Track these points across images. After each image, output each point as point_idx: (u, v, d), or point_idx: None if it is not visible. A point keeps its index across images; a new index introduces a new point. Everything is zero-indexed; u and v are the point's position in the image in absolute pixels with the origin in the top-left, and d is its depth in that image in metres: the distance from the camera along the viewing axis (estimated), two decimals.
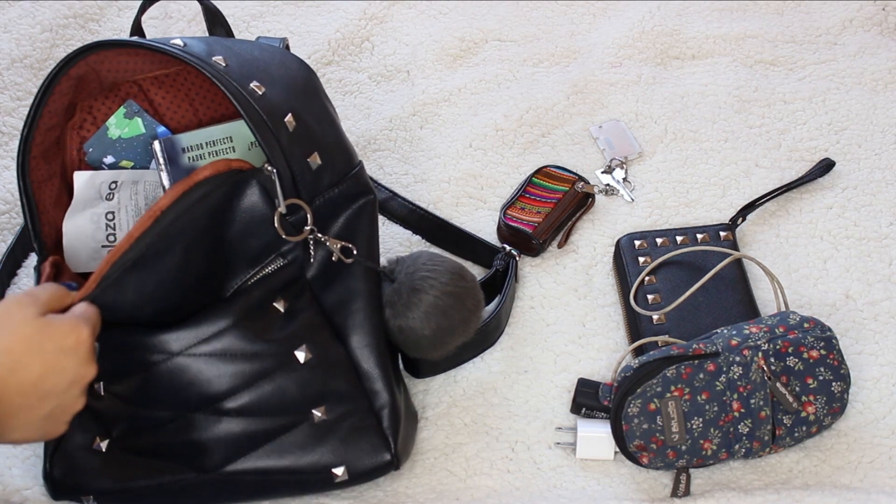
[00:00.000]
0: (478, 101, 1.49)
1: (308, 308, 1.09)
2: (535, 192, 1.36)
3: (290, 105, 1.08)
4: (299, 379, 1.07)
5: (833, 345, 1.14)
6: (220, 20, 1.27)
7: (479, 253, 1.32)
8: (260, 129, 1.04)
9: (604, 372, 1.22)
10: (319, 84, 1.16)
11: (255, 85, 1.06)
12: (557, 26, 1.59)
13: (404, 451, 1.12)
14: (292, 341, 1.07)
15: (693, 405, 1.10)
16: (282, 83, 1.09)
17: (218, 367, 1.05)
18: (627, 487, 1.13)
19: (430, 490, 1.13)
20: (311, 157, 1.08)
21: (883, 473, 1.13)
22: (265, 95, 1.06)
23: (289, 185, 1.06)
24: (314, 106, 1.12)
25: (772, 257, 1.31)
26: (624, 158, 1.41)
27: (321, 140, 1.10)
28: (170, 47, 1.05)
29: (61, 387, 0.92)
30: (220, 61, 1.06)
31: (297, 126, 1.07)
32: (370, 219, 1.13)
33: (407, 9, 1.61)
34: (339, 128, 1.15)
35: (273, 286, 1.08)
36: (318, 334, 1.09)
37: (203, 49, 1.07)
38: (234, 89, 1.04)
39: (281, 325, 1.07)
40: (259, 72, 1.08)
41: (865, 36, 1.55)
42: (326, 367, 1.08)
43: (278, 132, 1.05)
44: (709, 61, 1.53)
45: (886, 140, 1.43)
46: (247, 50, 1.12)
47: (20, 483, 1.13)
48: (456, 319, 1.12)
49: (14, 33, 1.54)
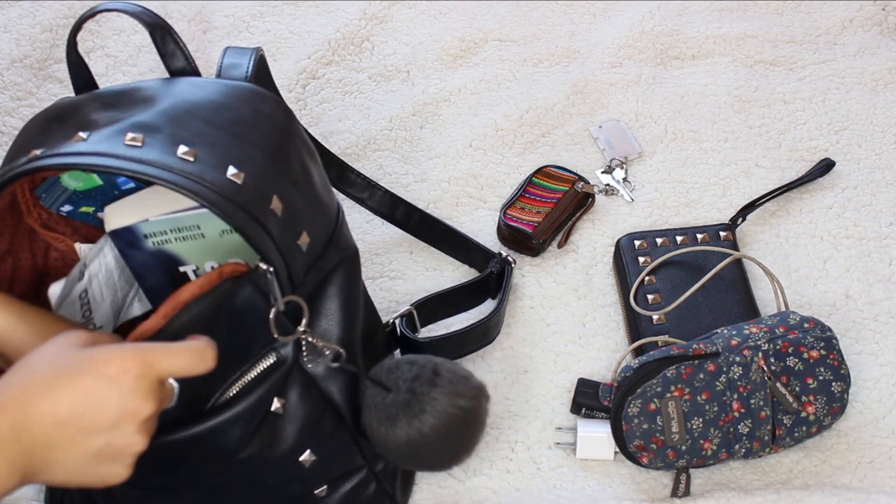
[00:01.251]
0: (478, 101, 1.49)
1: (306, 400, 0.98)
2: (535, 191, 1.36)
3: (274, 185, 0.93)
4: (303, 479, 1.01)
5: (833, 345, 1.14)
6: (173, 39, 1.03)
7: (476, 256, 1.31)
8: (249, 229, 0.88)
9: (604, 372, 1.22)
10: (296, 128, 1.01)
11: (233, 174, 0.90)
12: (557, 26, 1.59)
13: (405, 495, 1.12)
14: (295, 449, 0.98)
15: (693, 405, 1.10)
16: (260, 153, 0.93)
17: (218, 482, 0.98)
18: (627, 487, 1.13)
19: (429, 492, 1.13)
20: (301, 239, 0.94)
21: (883, 473, 1.13)
22: (245, 183, 0.90)
23: (284, 278, 0.92)
24: (294, 166, 0.97)
25: (772, 257, 1.31)
26: (624, 158, 1.41)
27: (306, 213, 0.96)
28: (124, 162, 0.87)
29: (106, 421, 0.80)
30: (187, 156, 0.89)
31: (283, 208, 0.92)
32: (354, 281, 1.02)
33: (407, 9, 1.61)
34: (315, 181, 1.00)
35: (269, 388, 0.95)
36: (320, 430, 1.00)
37: (164, 141, 0.90)
38: (210, 196, 0.87)
39: (283, 432, 0.97)
40: (234, 149, 0.92)
41: (865, 36, 1.55)
42: (330, 460, 1.02)
43: (268, 225, 0.90)
44: (709, 61, 1.53)
45: (886, 140, 1.43)
46: (214, 110, 0.95)
47: (26, 491, 1.13)
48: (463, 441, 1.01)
49: (14, 33, 1.54)
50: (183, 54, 1.02)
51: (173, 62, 1.02)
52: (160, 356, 0.82)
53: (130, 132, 0.90)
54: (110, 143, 0.89)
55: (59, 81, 1.50)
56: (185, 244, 0.96)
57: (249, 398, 0.93)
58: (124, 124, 0.92)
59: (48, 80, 1.50)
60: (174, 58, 1.02)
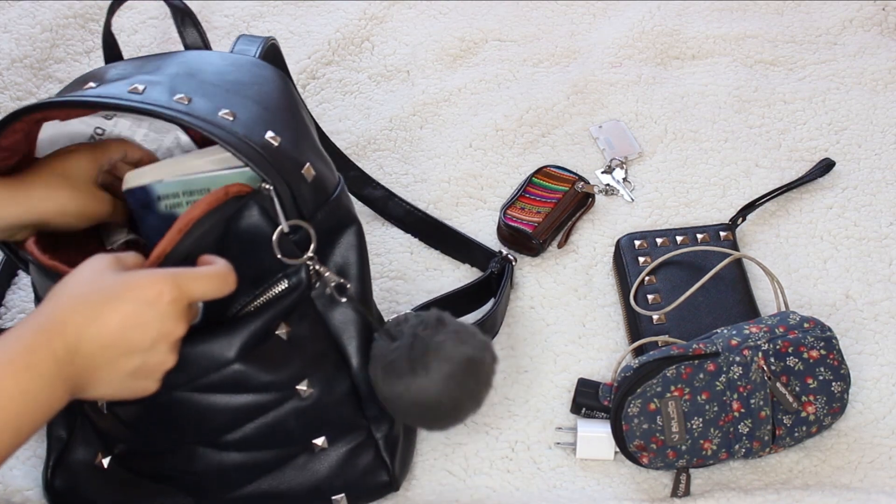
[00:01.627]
0: (478, 101, 1.49)
1: (312, 334, 1.03)
2: (535, 192, 1.36)
3: (267, 124, 1.00)
4: (301, 412, 1.04)
5: (833, 345, 1.14)
6: (192, 21, 1.18)
7: (476, 256, 1.31)
8: (244, 152, 0.96)
9: (604, 372, 1.22)
10: (295, 95, 1.09)
11: (224, 113, 0.98)
12: (557, 26, 1.59)
13: (402, 472, 1.12)
14: (294, 374, 1.03)
15: (693, 405, 1.10)
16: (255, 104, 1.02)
17: (217, 401, 1.00)
18: (627, 487, 1.13)
19: (429, 491, 1.13)
20: (305, 170, 1.00)
21: (883, 473, 1.13)
22: (237, 121, 0.99)
23: (289, 202, 0.98)
24: (293, 121, 1.04)
25: (772, 257, 1.31)
26: (624, 158, 1.41)
27: (307, 152, 1.03)
28: (125, 101, 0.97)
29: (145, 342, 0.88)
30: (181, 100, 0.98)
31: (281, 141, 0.99)
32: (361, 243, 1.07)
33: (407, 9, 1.61)
34: (315, 138, 1.08)
35: (276, 312, 1.00)
36: (322, 366, 1.05)
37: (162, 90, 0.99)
38: (201, 124, 0.96)
39: (284, 357, 1.02)
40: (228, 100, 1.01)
41: (865, 36, 1.55)
42: (328, 400, 1.05)
43: (265, 150, 0.97)
44: (709, 61, 1.53)
45: (886, 140, 1.43)
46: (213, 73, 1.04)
47: (21, 483, 1.13)
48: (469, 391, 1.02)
49: (14, 33, 1.54)
50: (200, 36, 1.18)
51: (188, 39, 1.18)
52: (190, 281, 0.90)
53: (135, 83, 0.99)
54: (116, 89, 0.99)
55: (59, 81, 1.50)
56: None
57: (255, 319, 0.99)
58: (131, 79, 1.01)
59: (48, 80, 1.50)
60: (190, 37, 1.17)
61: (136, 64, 1.06)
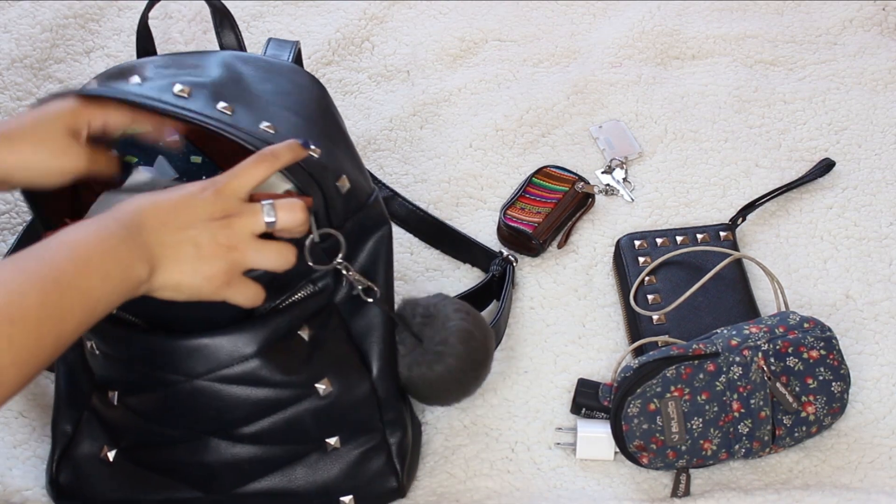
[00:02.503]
0: (478, 101, 1.49)
1: (334, 337, 1.06)
2: (535, 192, 1.36)
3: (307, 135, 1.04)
4: (317, 411, 1.05)
5: (833, 345, 1.14)
6: (230, 23, 1.21)
7: (477, 256, 1.31)
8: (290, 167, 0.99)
9: (604, 372, 1.22)
10: (331, 101, 1.14)
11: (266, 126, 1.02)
12: (557, 26, 1.59)
13: (409, 480, 1.12)
14: (314, 374, 1.04)
15: (693, 405, 1.10)
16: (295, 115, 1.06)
17: (237, 393, 1.02)
18: (627, 487, 1.13)
19: (430, 492, 1.13)
20: (340, 181, 1.04)
21: (883, 473, 1.13)
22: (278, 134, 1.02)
23: (322, 213, 1.01)
24: (331, 129, 1.09)
25: (772, 257, 1.31)
26: (624, 158, 1.41)
27: (345, 162, 1.06)
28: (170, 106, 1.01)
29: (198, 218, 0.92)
30: (226, 110, 1.02)
31: (322, 152, 1.03)
32: (389, 250, 1.10)
33: (407, 9, 1.61)
34: (355, 150, 1.12)
35: (300, 314, 1.03)
36: (342, 367, 1.06)
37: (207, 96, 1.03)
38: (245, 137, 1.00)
39: (305, 356, 1.04)
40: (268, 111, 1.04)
41: (865, 36, 1.55)
42: (346, 400, 1.06)
43: (305, 162, 1.00)
44: (709, 61, 1.53)
45: (886, 140, 1.43)
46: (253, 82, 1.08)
47: (21, 483, 1.13)
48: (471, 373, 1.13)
49: (14, 33, 1.54)
50: (236, 38, 1.23)
51: (225, 40, 1.23)
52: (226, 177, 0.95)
53: (180, 84, 1.02)
54: (160, 91, 1.01)
55: (59, 81, 1.50)
56: None
57: (278, 318, 1.02)
58: (175, 79, 1.03)
59: (48, 80, 1.50)
60: (227, 37, 1.22)
61: (177, 62, 1.07)
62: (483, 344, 1.12)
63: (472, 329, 1.10)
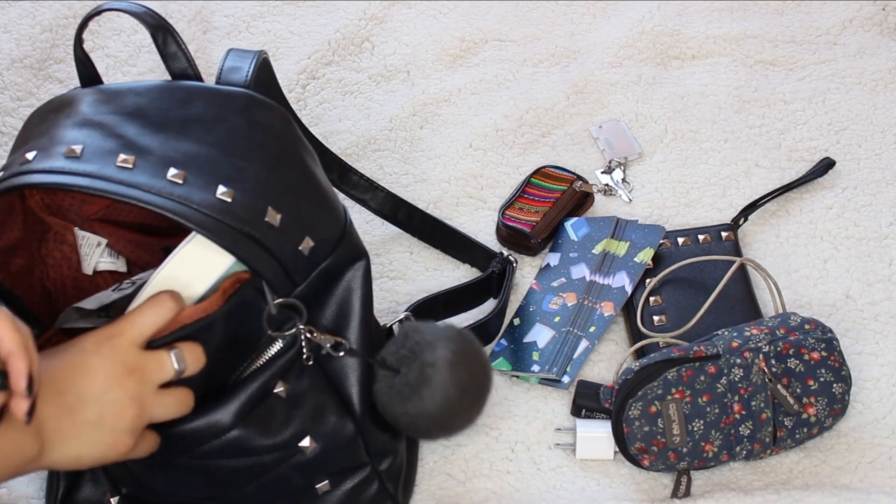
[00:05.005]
0: (478, 101, 1.49)
1: (311, 387, 1.01)
2: (534, 192, 1.36)
3: (268, 197, 0.96)
4: (304, 467, 1.02)
5: (834, 346, 1.14)
6: (174, 40, 1.03)
7: (476, 256, 1.31)
8: (237, 247, 0.92)
9: (604, 374, 1.22)
10: (295, 134, 1.03)
11: (222, 192, 0.93)
12: (557, 26, 1.59)
13: (406, 496, 1.12)
14: (296, 432, 1.01)
15: (694, 407, 1.10)
16: (254, 166, 0.97)
17: (220, 465, 0.99)
18: (627, 488, 1.13)
19: (429, 494, 1.13)
20: (304, 244, 0.97)
21: (883, 473, 1.13)
22: (235, 200, 0.94)
23: (282, 280, 0.95)
24: (295, 174, 1.00)
25: (772, 257, 1.31)
26: (623, 159, 1.41)
27: (310, 218, 0.99)
28: (114, 185, 0.92)
29: (95, 389, 0.88)
30: (176, 178, 0.93)
31: (282, 218, 0.95)
32: (363, 284, 1.04)
33: (407, 9, 1.61)
34: (322, 187, 1.02)
35: (273, 372, 0.98)
36: (323, 419, 1.02)
37: (154, 163, 0.94)
38: (196, 218, 0.92)
39: (285, 415, 1.00)
40: (225, 165, 0.95)
41: (865, 36, 1.55)
42: (332, 451, 1.03)
43: (263, 236, 0.94)
44: (709, 61, 1.53)
45: (886, 140, 1.43)
46: (205, 127, 0.98)
47: (25, 491, 1.13)
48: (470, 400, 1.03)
49: (14, 33, 1.54)
50: (184, 56, 1.03)
51: (174, 63, 1.03)
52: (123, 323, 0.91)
53: (122, 153, 0.94)
54: (103, 163, 0.93)
55: (59, 81, 1.50)
56: None
57: (251, 382, 0.97)
58: (116, 143, 0.95)
59: (48, 80, 1.50)
60: (175, 59, 1.03)
61: (117, 105, 1.00)
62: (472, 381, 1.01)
63: (457, 363, 1.00)
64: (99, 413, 0.89)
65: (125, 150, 0.94)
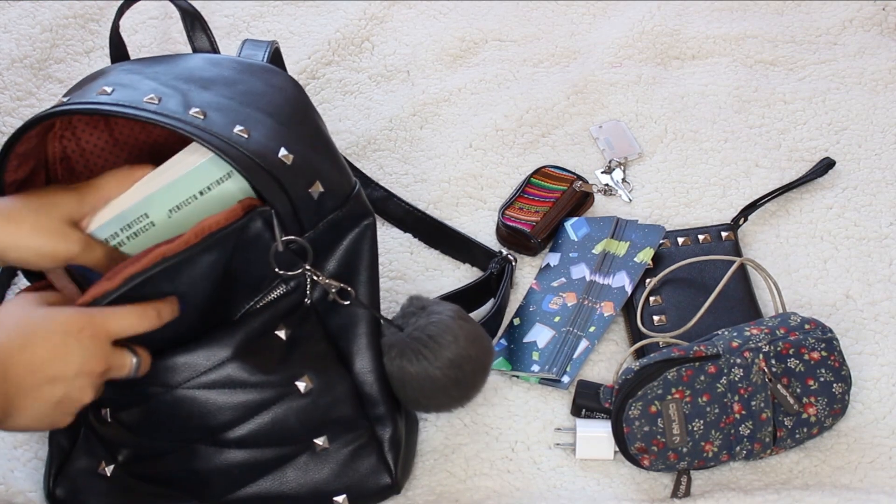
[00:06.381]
0: (478, 101, 1.49)
1: (311, 335, 1.06)
2: (534, 192, 1.36)
3: (281, 140, 1.02)
4: (300, 409, 1.05)
5: (834, 346, 1.14)
6: (201, 25, 1.19)
7: (476, 256, 1.31)
8: (254, 173, 0.98)
9: (604, 374, 1.22)
10: (308, 101, 1.11)
11: (240, 130, 1.00)
12: (557, 26, 1.59)
13: (404, 475, 1.12)
14: (294, 372, 1.05)
15: (694, 407, 1.10)
16: (269, 118, 1.04)
17: (217, 398, 1.03)
18: (627, 488, 1.13)
19: (429, 491, 1.13)
20: (313, 187, 1.03)
21: (883, 473, 1.13)
22: (251, 138, 1.00)
23: (290, 218, 1.01)
24: (307, 130, 1.07)
25: (772, 257, 1.31)
26: (623, 159, 1.41)
27: (320, 166, 1.05)
28: (142, 112, 0.99)
29: (68, 373, 0.92)
30: (198, 114, 1.00)
31: (294, 158, 1.02)
32: (371, 244, 1.09)
33: (407, 9, 1.61)
34: (334, 148, 1.09)
35: (275, 313, 1.04)
36: (322, 363, 1.07)
37: (178, 102, 1.01)
38: (218, 143, 0.98)
39: (283, 355, 1.05)
40: (241, 113, 1.03)
41: (865, 36, 1.55)
42: (328, 397, 1.06)
43: (275, 168, 1.00)
44: (709, 61, 1.53)
45: (886, 140, 1.43)
46: (227, 84, 1.06)
47: (24, 485, 1.13)
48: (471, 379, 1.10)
49: (14, 33, 1.54)
50: (208, 39, 1.18)
51: (199, 45, 1.19)
52: (108, 318, 0.94)
53: (149, 94, 1.01)
54: (131, 98, 1.00)
55: (59, 81, 1.50)
56: (139, 240, 1.02)
57: (253, 320, 1.03)
58: (145, 88, 1.02)
59: (48, 80, 1.50)
60: (200, 41, 1.18)
61: (147, 67, 1.06)
62: (473, 350, 1.08)
63: (460, 328, 1.07)
64: (64, 394, 0.93)
65: (152, 93, 1.01)
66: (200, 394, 1.02)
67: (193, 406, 1.02)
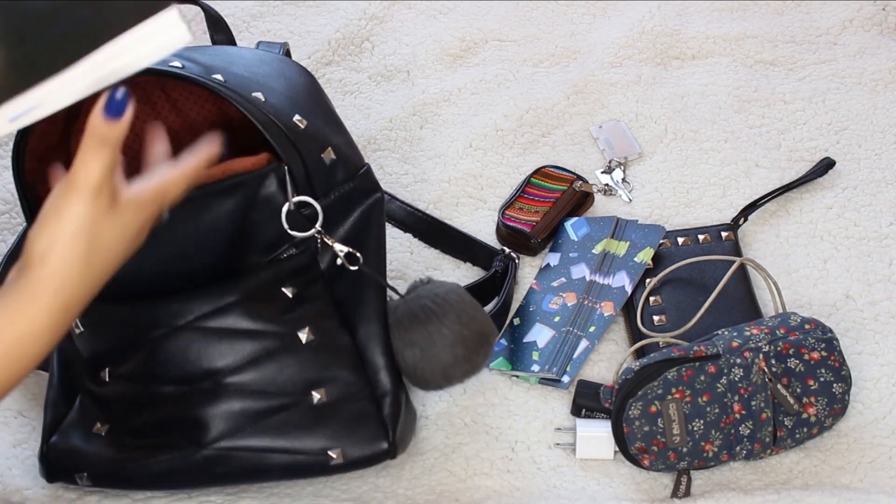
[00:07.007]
0: (478, 101, 1.49)
1: (318, 297, 1.09)
2: (534, 192, 1.36)
3: (296, 108, 1.09)
4: (300, 359, 1.08)
5: (834, 346, 1.14)
6: (222, 26, 1.28)
7: (478, 255, 1.32)
8: (269, 129, 1.05)
9: (604, 374, 1.22)
10: (322, 91, 1.17)
11: (257, 95, 1.07)
12: (557, 26, 1.59)
13: (402, 442, 1.12)
14: (296, 323, 1.08)
15: (694, 407, 1.10)
16: (284, 93, 1.11)
17: (220, 342, 1.06)
18: (627, 487, 1.13)
19: (429, 490, 1.13)
20: (325, 153, 1.09)
21: (883, 473, 1.13)
22: (268, 102, 1.07)
23: (302, 181, 1.07)
24: (320, 108, 1.13)
25: (772, 257, 1.31)
26: (623, 159, 1.41)
27: (332, 137, 1.11)
28: (168, 68, 1.05)
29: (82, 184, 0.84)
30: (217, 77, 1.07)
31: (308, 124, 1.09)
32: (379, 218, 1.13)
33: (407, 9, 1.61)
34: (346, 129, 1.16)
35: (283, 271, 1.08)
36: (324, 320, 1.09)
37: (200, 70, 1.07)
38: (237, 98, 1.05)
39: (287, 309, 1.08)
40: (259, 85, 1.09)
41: (865, 36, 1.55)
42: (329, 351, 1.09)
43: (289, 130, 1.06)
44: (709, 61, 1.53)
45: (886, 140, 1.43)
46: (245, 65, 1.12)
47: (21, 483, 1.13)
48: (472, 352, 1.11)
49: None
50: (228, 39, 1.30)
51: (218, 40, 1.30)
52: None
53: (173, 62, 1.07)
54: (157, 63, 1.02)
55: None
56: None
57: (261, 272, 1.07)
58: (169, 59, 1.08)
59: None
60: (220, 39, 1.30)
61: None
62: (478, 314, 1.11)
63: (465, 294, 1.11)
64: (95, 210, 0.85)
65: (176, 60, 1.07)
66: (203, 335, 1.05)
67: (195, 347, 1.06)
